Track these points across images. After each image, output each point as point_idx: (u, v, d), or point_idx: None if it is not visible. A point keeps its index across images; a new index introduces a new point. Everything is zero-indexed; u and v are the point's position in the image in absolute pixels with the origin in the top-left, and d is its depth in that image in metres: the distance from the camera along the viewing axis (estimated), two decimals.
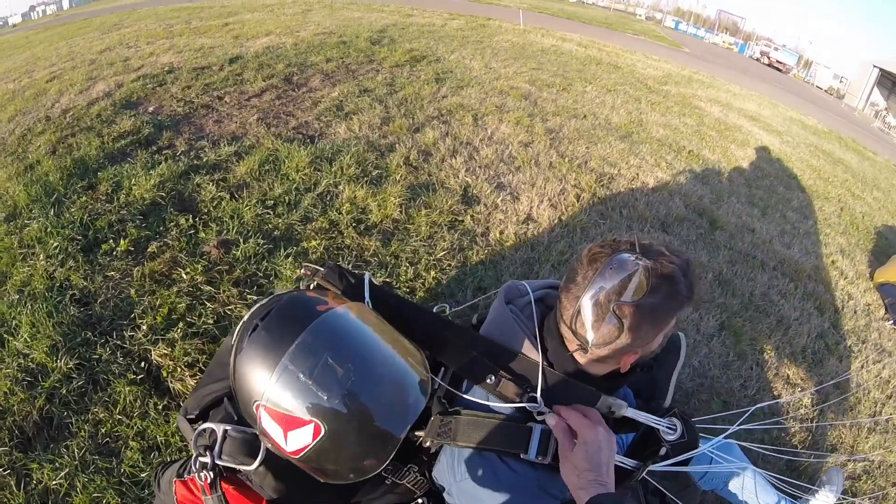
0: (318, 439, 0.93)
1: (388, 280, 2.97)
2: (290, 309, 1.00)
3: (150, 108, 5.37)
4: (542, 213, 3.85)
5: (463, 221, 3.59)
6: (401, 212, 3.57)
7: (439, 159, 4.41)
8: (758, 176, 6.33)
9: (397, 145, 4.56)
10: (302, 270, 1.40)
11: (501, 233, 3.55)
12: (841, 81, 50.39)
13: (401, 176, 4.01)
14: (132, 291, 2.73)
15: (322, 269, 1.37)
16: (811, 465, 2.44)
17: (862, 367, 3.39)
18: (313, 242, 3.16)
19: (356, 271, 1.42)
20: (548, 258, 3.34)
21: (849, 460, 2.60)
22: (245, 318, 1.05)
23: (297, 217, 3.40)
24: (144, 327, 2.52)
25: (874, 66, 46.53)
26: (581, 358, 1.15)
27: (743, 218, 4.76)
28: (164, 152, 4.23)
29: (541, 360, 1.16)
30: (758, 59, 48.55)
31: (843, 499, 2.34)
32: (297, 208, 3.49)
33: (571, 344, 1.14)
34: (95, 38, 11.95)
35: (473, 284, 3.02)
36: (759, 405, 2.17)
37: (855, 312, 4.03)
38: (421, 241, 3.32)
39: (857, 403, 3.05)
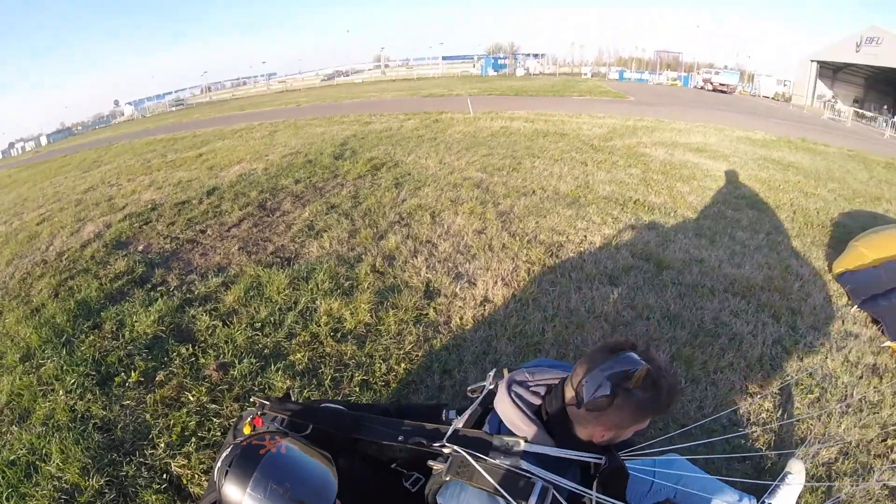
0: None
1: (365, 378, 3.31)
2: (242, 459, 1.43)
3: (140, 247, 5.91)
4: (497, 293, 4.20)
5: (427, 314, 3.95)
6: (371, 315, 3.95)
7: (402, 261, 4.83)
8: (705, 206, 6.75)
9: (364, 255, 5.01)
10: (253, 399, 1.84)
11: (461, 318, 3.89)
12: (785, 85, 52.24)
13: (369, 283, 4.43)
14: (147, 416, 3.09)
15: (268, 403, 1.80)
16: (778, 462, 2.64)
17: (826, 357, 3.62)
18: (298, 355, 3.54)
19: (299, 401, 1.79)
20: (504, 333, 3.67)
21: (821, 447, 2.79)
22: (218, 463, 1.46)
23: (283, 335, 3.80)
24: (162, 444, 2.85)
25: (811, 61, 48.56)
26: (571, 412, 1.43)
27: (690, 252, 5.10)
28: (158, 289, 4.71)
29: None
30: (702, 87, 50.62)
31: (812, 484, 2.54)
32: (282, 327, 3.89)
33: (569, 398, 1.43)
34: (77, 176, 12.92)
35: (440, 369, 3.35)
36: (699, 423, 2.41)
37: (814, 309, 4.28)
38: (391, 338, 3.68)
39: (824, 393, 3.26)
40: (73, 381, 3.42)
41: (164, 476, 2.69)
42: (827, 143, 14.78)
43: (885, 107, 44.34)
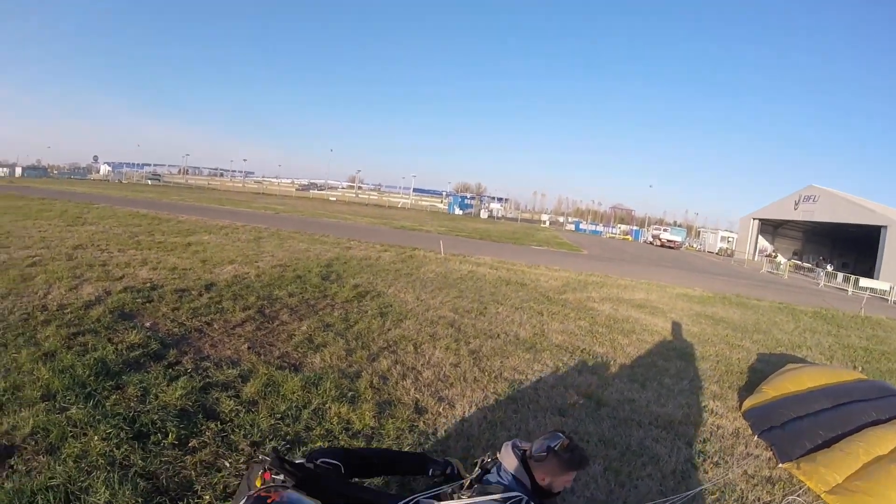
0: None
1: None
2: None
3: (147, 324, 6.36)
4: (473, 415, 5.15)
5: (418, 425, 4.77)
6: (375, 421, 4.70)
7: (394, 382, 5.66)
8: (640, 356, 7.98)
9: (362, 373, 5.77)
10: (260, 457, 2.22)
11: (446, 431, 4.74)
12: (728, 242, 56.22)
13: (369, 396, 5.18)
14: (190, 472, 3.44)
15: (268, 460, 2.09)
16: None
17: (727, 471, 4.64)
18: (318, 443, 4.14)
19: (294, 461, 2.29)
20: (479, 444, 4.53)
21: None
22: None
23: (301, 427, 4.30)
24: (207, 497, 3.24)
25: (753, 219, 52.86)
26: (530, 461, 2.51)
27: (624, 393, 6.20)
28: (176, 368, 5.15)
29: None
30: (651, 243, 53.99)
31: None
32: (300, 420, 4.41)
33: (528, 453, 2.53)
34: (63, 228, 13.55)
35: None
36: None
37: (722, 437, 5.37)
38: (391, 440, 4.44)
39: (723, 496, 4.24)
40: (106, 430, 3.72)
41: None
42: (760, 298, 16.61)
43: (821, 257, 48.13)
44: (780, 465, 4.87)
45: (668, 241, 51.91)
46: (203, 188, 66.19)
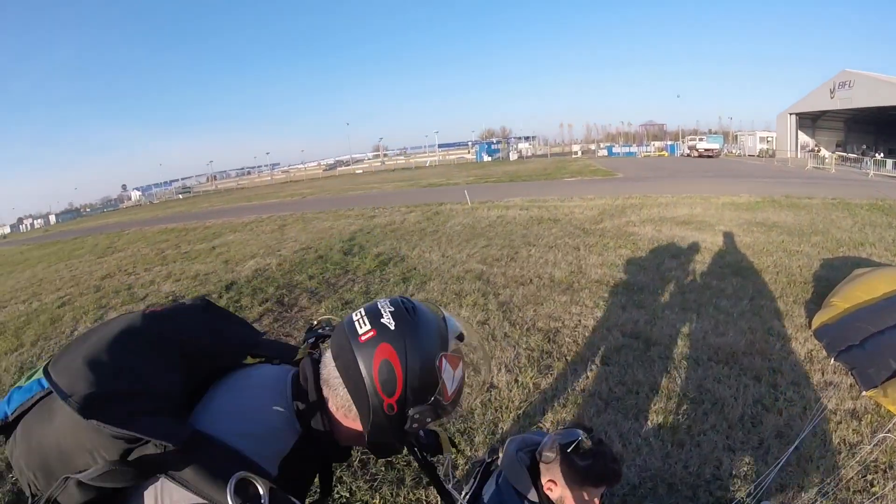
0: (460, 368, 1.25)
1: None
2: (408, 302, 1.23)
3: None
4: (501, 379, 4.62)
5: None
6: None
7: None
8: (691, 279, 7.25)
9: None
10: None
11: (468, 402, 4.28)
12: (768, 141, 53.72)
13: None
14: None
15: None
16: None
17: (805, 409, 3.97)
18: None
19: None
20: (507, 416, 4.06)
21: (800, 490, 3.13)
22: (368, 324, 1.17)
23: None
24: None
25: (790, 114, 50.19)
26: (541, 465, 1.91)
27: (676, 326, 5.53)
28: None
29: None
30: (688, 155, 52.27)
31: None
32: None
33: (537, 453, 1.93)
34: (93, 261, 13.53)
35: (453, 450, 3.69)
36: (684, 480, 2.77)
37: (794, 366, 4.66)
38: None
39: (802, 441, 3.58)
40: None
41: None
42: (811, 196, 15.40)
43: (865, 146, 45.50)
44: (864, 392, 4.17)
45: (706, 150, 49.98)
46: (232, 190, 66.78)
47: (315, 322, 1.48)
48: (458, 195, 19.68)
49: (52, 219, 77.65)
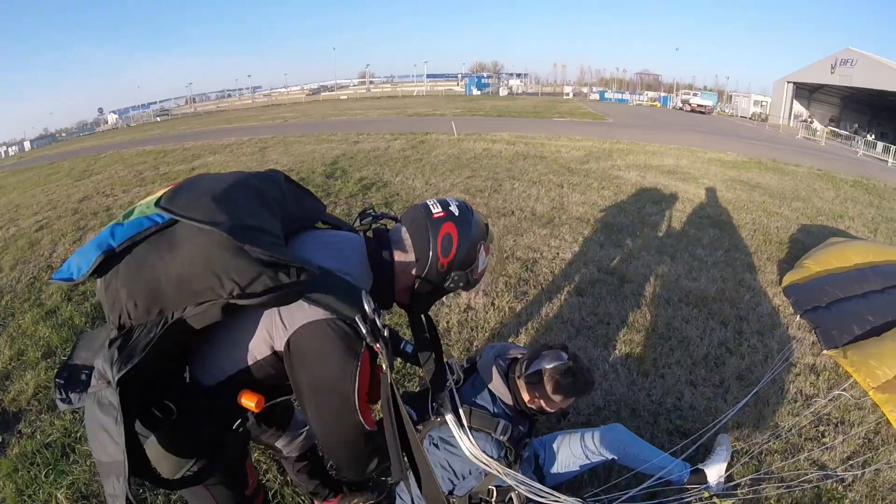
0: (487, 258, 1.71)
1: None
2: (468, 204, 1.69)
3: None
4: (479, 302, 4.66)
5: None
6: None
7: None
8: (670, 226, 7.29)
9: None
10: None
11: (447, 322, 4.33)
12: (762, 105, 53.43)
13: None
14: None
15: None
16: (714, 439, 3.09)
17: (767, 357, 4.10)
18: None
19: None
20: (483, 335, 4.13)
21: (754, 430, 3.27)
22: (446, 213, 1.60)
23: None
24: None
25: (787, 82, 49.80)
26: (519, 383, 2.13)
27: (651, 267, 5.60)
28: None
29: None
30: (681, 108, 51.80)
31: (735, 457, 3.00)
32: None
33: (517, 371, 2.15)
34: (70, 185, 13.06)
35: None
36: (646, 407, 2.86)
37: (761, 317, 4.78)
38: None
39: (762, 386, 3.73)
40: None
41: None
42: (798, 164, 15.48)
43: (857, 125, 45.54)
44: (825, 351, 4.30)
45: (699, 105, 49.55)
46: (212, 113, 64.03)
47: (365, 208, 1.80)
48: (444, 126, 19.28)
49: (27, 145, 73.72)
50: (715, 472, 2.73)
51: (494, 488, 2.25)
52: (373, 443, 1.44)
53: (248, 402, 1.42)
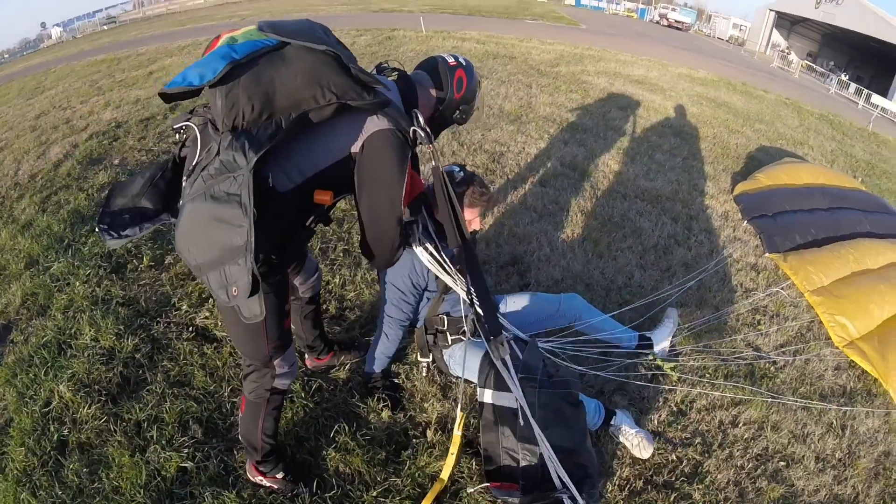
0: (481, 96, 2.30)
1: (346, 248, 3.91)
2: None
3: (116, 161, 6.04)
4: None
5: None
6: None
7: None
8: (633, 131, 7.42)
9: None
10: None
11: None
12: (741, 30, 52.75)
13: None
14: (166, 288, 3.50)
15: None
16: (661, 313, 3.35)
17: (712, 251, 4.41)
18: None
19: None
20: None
21: (696, 309, 3.56)
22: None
23: None
24: (185, 307, 3.31)
25: (769, 10, 49.01)
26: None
27: (611, 166, 5.78)
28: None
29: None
30: (657, 22, 50.60)
31: (681, 326, 3.29)
32: None
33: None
34: (22, 104, 12.31)
35: None
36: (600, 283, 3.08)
37: (709, 218, 5.06)
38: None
39: (706, 275, 4.00)
40: (86, 273, 3.69)
41: (191, 329, 3.14)
42: (766, 90, 15.52)
43: (833, 63, 45.58)
44: (767, 254, 4.60)
45: (676, 21, 48.22)
46: (162, 16, 58.51)
47: (379, 63, 2.23)
48: (412, 22, 18.43)
49: None
50: (661, 338, 3.01)
51: (445, 316, 2.54)
52: (403, 234, 1.93)
53: (322, 197, 1.82)
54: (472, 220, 2.57)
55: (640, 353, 2.97)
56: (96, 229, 1.83)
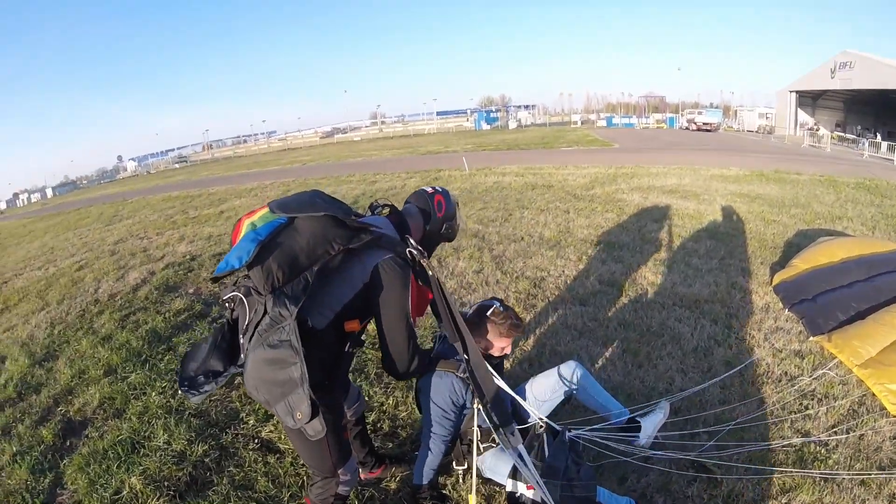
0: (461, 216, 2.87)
1: None
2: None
3: (191, 290, 6.75)
4: None
5: (438, 332, 4.92)
6: None
7: None
8: (669, 240, 7.83)
9: None
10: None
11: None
12: (767, 118, 53.42)
13: None
14: (236, 404, 3.93)
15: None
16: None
17: (754, 346, 4.55)
18: None
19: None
20: None
21: (739, 405, 3.75)
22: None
23: None
24: (252, 421, 3.71)
25: (790, 92, 49.86)
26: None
27: (648, 278, 6.15)
28: (219, 321, 5.32)
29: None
30: (687, 128, 51.97)
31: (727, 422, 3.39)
32: None
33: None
34: (102, 229, 13.83)
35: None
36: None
37: (751, 314, 5.24)
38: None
39: (747, 369, 4.16)
40: (162, 385, 4.26)
41: (256, 440, 3.51)
42: (800, 172, 15.71)
43: (859, 127, 45.29)
44: (811, 338, 4.63)
45: (704, 123, 49.75)
46: (230, 158, 65.36)
47: (372, 203, 2.71)
48: (456, 162, 19.92)
49: (49, 192, 75.02)
50: (649, 427, 3.02)
51: (479, 428, 2.79)
52: (415, 346, 2.36)
53: (352, 325, 2.27)
54: (506, 346, 2.90)
55: (626, 436, 2.99)
56: (180, 391, 2.24)
